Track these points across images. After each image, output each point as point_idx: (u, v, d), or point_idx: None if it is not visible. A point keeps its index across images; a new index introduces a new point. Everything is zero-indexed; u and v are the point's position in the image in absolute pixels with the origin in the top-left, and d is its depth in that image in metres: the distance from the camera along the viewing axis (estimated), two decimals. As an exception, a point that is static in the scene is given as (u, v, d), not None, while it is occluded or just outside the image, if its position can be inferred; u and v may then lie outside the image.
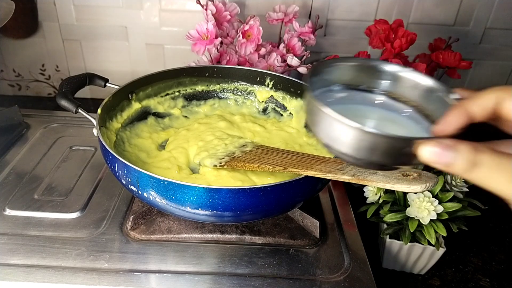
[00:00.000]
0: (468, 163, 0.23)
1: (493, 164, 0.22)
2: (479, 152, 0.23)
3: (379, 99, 0.36)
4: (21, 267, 0.43)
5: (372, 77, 0.35)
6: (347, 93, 0.35)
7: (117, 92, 0.54)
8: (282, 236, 0.48)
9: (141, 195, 0.42)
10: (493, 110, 0.24)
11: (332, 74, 0.35)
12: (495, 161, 0.22)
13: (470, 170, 0.23)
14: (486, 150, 0.23)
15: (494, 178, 0.22)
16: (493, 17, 0.73)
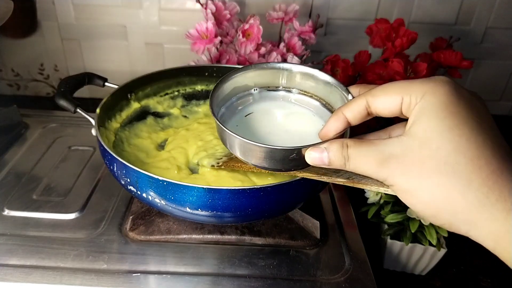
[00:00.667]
0: (341, 159, 0.28)
1: (357, 155, 0.27)
2: (346, 148, 0.28)
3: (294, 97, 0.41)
4: (20, 268, 0.43)
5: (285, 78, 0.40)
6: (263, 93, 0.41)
7: (116, 91, 0.54)
8: (282, 237, 0.48)
9: (140, 196, 0.42)
10: (366, 112, 0.28)
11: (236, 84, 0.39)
12: (358, 151, 0.27)
13: (345, 163, 0.28)
14: (351, 144, 0.28)
15: (362, 164, 0.27)
16: (494, 16, 0.73)
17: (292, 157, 0.30)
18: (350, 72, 0.63)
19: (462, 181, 0.23)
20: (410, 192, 0.25)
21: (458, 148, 0.23)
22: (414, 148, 0.25)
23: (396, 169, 0.25)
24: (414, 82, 0.26)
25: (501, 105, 0.83)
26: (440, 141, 0.24)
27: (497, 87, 0.81)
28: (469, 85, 0.80)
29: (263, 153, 0.31)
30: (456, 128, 0.24)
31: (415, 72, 0.61)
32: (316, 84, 0.38)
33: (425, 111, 0.25)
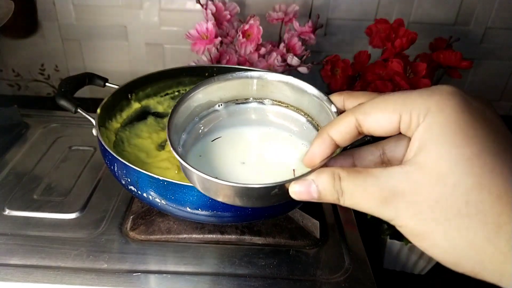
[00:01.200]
0: (333, 193, 0.23)
1: (354, 189, 0.22)
2: (338, 181, 0.23)
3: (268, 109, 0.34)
4: (20, 268, 0.43)
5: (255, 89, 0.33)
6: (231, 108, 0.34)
7: (116, 92, 0.54)
8: (282, 237, 0.48)
9: (140, 195, 0.42)
10: (356, 132, 0.24)
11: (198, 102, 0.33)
12: (354, 185, 0.22)
13: (339, 198, 0.23)
14: (344, 175, 0.23)
15: (361, 201, 0.22)
16: (494, 16, 0.73)
17: (274, 193, 0.25)
18: (350, 72, 0.64)
19: (489, 224, 0.19)
20: (424, 236, 0.21)
21: (481, 182, 0.19)
22: (425, 183, 0.20)
23: (404, 209, 0.21)
24: (413, 94, 0.21)
25: (501, 105, 0.83)
26: (458, 175, 0.19)
27: (497, 87, 0.81)
28: (469, 85, 0.80)
29: (237, 193, 0.26)
30: (475, 156, 0.19)
31: (415, 72, 0.61)
32: (293, 93, 0.32)
33: (433, 135, 0.20)
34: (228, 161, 0.32)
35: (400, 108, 0.21)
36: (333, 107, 0.28)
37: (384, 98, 0.22)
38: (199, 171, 0.26)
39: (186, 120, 0.33)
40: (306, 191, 0.24)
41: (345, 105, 0.27)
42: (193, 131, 0.34)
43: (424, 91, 0.21)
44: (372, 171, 0.22)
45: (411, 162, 0.21)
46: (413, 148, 0.21)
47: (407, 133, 0.22)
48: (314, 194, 0.24)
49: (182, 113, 0.32)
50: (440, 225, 0.20)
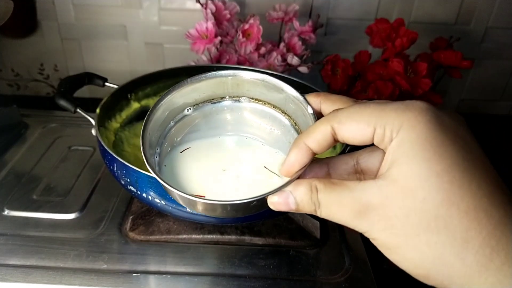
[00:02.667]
0: (311, 204, 0.23)
1: (329, 202, 0.23)
2: (315, 193, 0.23)
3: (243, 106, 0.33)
4: (20, 268, 0.43)
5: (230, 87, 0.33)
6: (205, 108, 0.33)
7: (116, 91, 0.54)
8: (282, 237, 0.48)
9: (140, 196, 0.42)
10: (332, 140, 0.24)
11: (172, 106, 0.32)
12: (330, 198, 0.23)
13: (316, 210, 0.23)
14: (321, 188, 0.23)
15: (336, 214, 0.23)
16: (495, 16, 0.72)
17: (253, 205, 0.25)
18: (350, 72, 0.63)
19: (458, 240, 0.19)
20: (395, 250, 0.21)
21: (450, 198, 0.19)
22: (396, 198, 0.20)
23: (377, 222, 0.21)
24: (387, 108, 0.22)
25: (501, 105, 0.83)
26: (427, 190, 0.19)
27: (497, 87, 0.81)
28: (469, 85, 0.80)
29: (216, 208, 0.26)
30: (445, 172, 0.19)
31: (415, 72, 0.61)
32: (269, 92, 0.32)
33: (405, 150, 0.20)
34: (203, 172, 0.31)
35: (374, 121, 0.22)
36: (309, 109, 0.28)
37: (360, 108, 0.23)
38: (175, 188, 0.26)
39: (161, 126, 0.33)
40: (284, 203, 0.24)
41: (321, 108, 0.28)
42: (169, 137, 0.33)
43: (398, 106, 0.22)
44: (348, 184, 0.23)
45: (384, 176, 0.21)
46: (387, 162, 0.22)
47: (380, 145, 0.22)
48: (292, 206, 0.24)
49: (157, 120, 0.31)
50: (410, 239, 0.20)
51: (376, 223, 0.21)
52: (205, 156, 0.32)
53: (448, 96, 0.81)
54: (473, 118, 0.83)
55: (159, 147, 0.32)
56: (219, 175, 0.31)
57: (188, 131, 0.34)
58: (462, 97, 0.82)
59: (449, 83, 0.79)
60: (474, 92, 0.81)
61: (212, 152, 0.33)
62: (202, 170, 0.31)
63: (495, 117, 0.84)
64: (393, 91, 0.58)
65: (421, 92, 0.60)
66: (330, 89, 0.66)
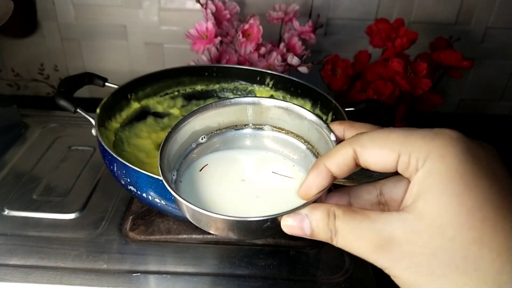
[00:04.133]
0: (327, 232, 0.22)
1: (348, 231, 0.21)
2: (333, 219, 0.22)
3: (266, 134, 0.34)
4: (20, 268, 0.43)
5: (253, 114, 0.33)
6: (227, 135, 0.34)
7: (116, 91, 0.54)
8: (282, 237, 0.48)
9: (140, 196, 0.42)
10: (354, 164, 0.23)
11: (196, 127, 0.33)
12: (349, 227, 0.21)
13: (332, 238, 0.22)
14: (340, 214, 0.22)
15: (354, 245, 0.21)
16: (495, 16, 0.72)
17: (266, 226, 0.24)
18: (350, 72, 0.63)
19: (489, 283, 0.18)
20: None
21: (481, 237, 0.18)
22: (422, 234, 0.19)
23: (400, 259, 0.20)
24: (414, 135, 0.20)
25: (501, 105, 0.83)
26: (457, 227, 0.18)
27: (497, 87, 0.81)
28: (469, 85, 0.80)
29: (228, 226, 0.25)
30: (476, 209, 0.18)
31: (415, 72, 0.61)
32: (291, 119, 0.32)
33: (433, 183, 0.19)
34: (219, 190, 0.30)
35: (399, 148, 0.20)
36: (332, 136, 0.28)
37: (384, 133, 0.22)
38: (189, 202, 0.25)
39: (182, 146, 0.33)
40: (298, 226, 0.23)
41: (345, 136, 0.27)
42: (189, 156, 0.33)
43: (426, 133, 0.20)
44: (369, 213, 0.21)
45: (409, 209, 0.20)
46: (412, 194, 0.20)
47: (404, 173, 0.21)
48: (306, 231, 0.23)
49: (179, 139, 0.32)
50: (436, 280, 0.19)
51: (398, 260, 0.20)
52: (224, 174, 0.32)
53: (448, 96, 0.81)
54: (473, 118, 0.83)
55: (178, 167, 0.32)
56: (237, 192, 0.30)
57: (208, 153, 0.34)
58: (462, 97, 0.82)
59: (449, 83, 0.79)
60: (474, 92, 0.81)
61: (231, 167, 0.33)
62: (219, 188, 0.31)
63: (495, 117, 0.84)
64: (393, 91, 0.58)
65: (421, 92, 0.60)
66: (330, 89, 0.66)
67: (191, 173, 0.32)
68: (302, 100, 0.58)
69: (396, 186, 0.25)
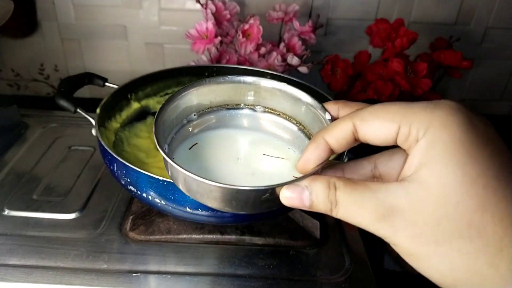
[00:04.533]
0: (327, 203, 0.22)
1: (350, 202, 0.21)
2: (333, 190, 0.22)
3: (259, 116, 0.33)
4: (20, 268, 0.43)
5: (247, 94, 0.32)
6: (220, 113, 0.33)
7: (116, 91, 0.54)
8: (282, 237, 0.48)
9: (140, 196, 0.42)
10: (353, 138, 0.23)
11: (188, 103, 0.32)
12: (350, 198, 0.21)
13: (332, 209, 0.22)
14: (341, 185, 0.22)
15: (355, 215, 0.21)
16: (494, 16, 0.72)
17: (264, 198, 0.23)
18: (350, 72, 0.64)
19: (491, 248, 0.18)
20: (421, 257, 0.20)
21: (484, 204, 0.18)
22: (426, 202, 0.19)
23: (403, 229, 0.20)
24: (415, 107, 0.21)
25: (501, 105, 0.83)
26: (461, 195, 0.18)
27: (497, 87, 0.81)
28: (469, 85, 0.80)
29: (226, 195, 0.24)
30: (479, 177, 0.18)
31: (415, 72, 0.61)
32: (286, 101, 0.31)
33: (437, 152, 0.19)
34: (214, 166, 0.30)
35: (400, 119, 0.20)
36: (327, 115, 0.27)
37: (385, 106, 0.22)
38: (185, 169, 0.24)
39: (174, 120, 0.32)
40: (298, 198, 0.23)
41: (339, 114, 0.27)
42: (180, 133, 0.33)
43: (427, 105, 0.21)
44: (370, 184, 0.21)
45: (412, 179, 0.20)
46: (413, 164, 0.20)
47: (403, 145, 0.21)
48: (306, 202, 0.23)
49: (171, 112, 0.31)
50: (440, 248, 0.19)
51: (401, 229, 0.20)
52: (217, 150, 0.32)
53: (448, 96, 0.81)
54: (473, 118, 0.83)
55: (169, 141, 0.32)
56: (231, 169, 0.29)
57: (202, 129, 0.33)
58: (462, 97, 0.82)
59: (449, 83, 0.79)
60: (474, 92, 0.81)
61: (223, 145, 0.32)
62: (212, 165, 0.30)
63: (495, 117, 0.84)
64: (393, 91, 0.58)
65: (421, 92, 0.60)
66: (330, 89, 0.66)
67: (183, 151, 0.32)
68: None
69: (392, 159, 0.25)
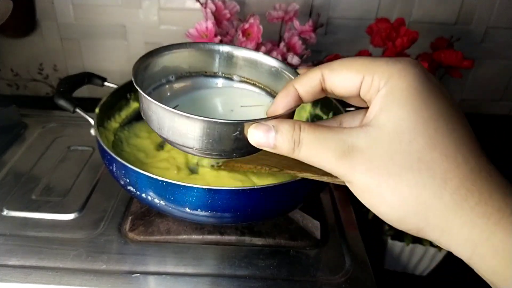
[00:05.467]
0: (290, 142, 0.23)
1: (312, 141, 0.23)
2: (298, 131, 0.23)
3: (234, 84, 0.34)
4: (19, 268, 0.43)
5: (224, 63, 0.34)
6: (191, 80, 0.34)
7: (115, 91, 0.54)
8: (282, 237, 0.47)
9: (139, 196, 0.42)
10: (320, 88, 0.25)
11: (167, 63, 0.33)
12: (314, 137, 0.23)
13: (294, 149, 0.23)
14: (306, 127, 0.23)
15: (317, 154, 0.23)
16: (495, 16, 0.72)
17: (235, 136, 0.25)
18: (350, 72, 0.63)
19: (437, 180, 0.20)
20: (373, 191, 0.22)
21: (434, 143, 0.21)
22: (383, 141, 0.21)
23: (359, 164, 0.22)
24: (379, 60, 0.23)
25: (501, 105, 0.83)
26: (414, 134, 0.21)
27: (498, 87, 0.81)
28: (469, 85, 0.80)
29: (198, 130, 0.25)
30: (431, 119, 0.21)
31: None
32: (261, 71, 0.33)
33: (395, 98, 0.21)
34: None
35: (364, 70, 0.22)
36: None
37: (352, 59, 0.23)
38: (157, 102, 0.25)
39: (153, 76, 0.33)
40: (264, 136, 0.24)
41: None
42: (158, 91, 0.33)
43: (389, 60, 0.23)
44: (333, 127, 0.23)
45: (371, 123, 0.22)
46: (374, 110, 0.22)
47: (365, 96, 0.23)
48: (271, 141, 0.24)
49: (151, 66, 0.32)
50: (391, 179, 0.21)
51: (358, 165, 0.22)
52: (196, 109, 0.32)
53: (448, 96, 0.81)
54: (473, 118, 0.83)
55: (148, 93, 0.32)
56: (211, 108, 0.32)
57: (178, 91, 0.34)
58: (462, 97, 0.82)
59: (449, 83, 0.79)
60: (474, 92, 0.81)
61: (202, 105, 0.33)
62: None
63: (495, 117, 0.83)
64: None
65: (422, 92, 0.60)
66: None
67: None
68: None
69: (355, 118, 0.27)
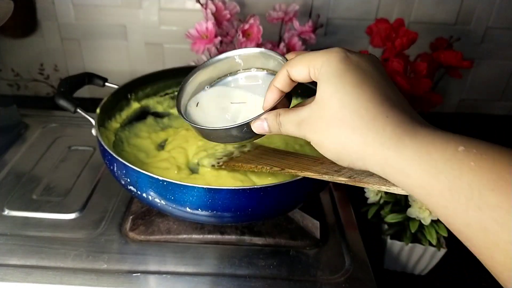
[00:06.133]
0: (276, 125, 0.34)
1: (285, 121, 0.33)
2: (278, 116, 0.34)
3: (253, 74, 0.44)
4: (20, 268, 0.43)
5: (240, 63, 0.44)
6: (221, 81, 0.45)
7: (116, 91, 0.54)
8: (282, 237, 0.48)
9: (140, 196, 0.42)
10: (290, 80, 0.33)
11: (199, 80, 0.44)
12: (285, 118, 0.33)
13: (279, 129, 0.34)
14: (282, 112, 0.34)
15: (288, 128, 0.33)
16: (494, 16, 0.72)
17: (245, 130, 0.36)
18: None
19: (349, 129, 0.28)
20: (320, 144, 0.31)
21: (344, 105, 0.29)
22: (318, 110, 0.30)
23: (308, 128, 0.32)
24: (316, 54, 0.31)
25: (501, 105, 0.83)
26: (335, 101, 0.29)
27: (497, 87, 0.81)
28: (469, 85, 0.80)
29: (224, 133, 0.37)
30: (344, 89, 0.29)
31: (415, 72, 0.61)
32: (265, 60, 0.42)
33: (324, 79, 0.30)
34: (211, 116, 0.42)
35: (308, 63, 0.31)
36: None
37: (302, 56, 0.32)
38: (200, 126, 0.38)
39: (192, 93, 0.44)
40: (261, 125, 0.35)
41: None
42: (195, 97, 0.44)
43: (322, 52, 0.31)
44: (297, 108, 0.33)
45: (315, 100, 0.31)
46: (317, 92, 0.31)
47: (315, 79, 0.32)
48: (265, 127, 0.35)
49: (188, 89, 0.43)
50: (326, 135, 0.30)
51: (308, 129, 0.32)
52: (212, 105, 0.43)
53: (448, 96, 0.81)
54: (473, 118, 0.83)
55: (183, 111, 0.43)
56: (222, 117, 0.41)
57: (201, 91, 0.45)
58: (462, 97, 0.82)
59: (449, 83, 0.79)
60: (474, 92, 0.81)
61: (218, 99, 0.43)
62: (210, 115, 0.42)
63: (495, 117, 0.84)
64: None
65: (421, 92, 0.60)
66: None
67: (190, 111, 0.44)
68: (302, 100, 0.58)
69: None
